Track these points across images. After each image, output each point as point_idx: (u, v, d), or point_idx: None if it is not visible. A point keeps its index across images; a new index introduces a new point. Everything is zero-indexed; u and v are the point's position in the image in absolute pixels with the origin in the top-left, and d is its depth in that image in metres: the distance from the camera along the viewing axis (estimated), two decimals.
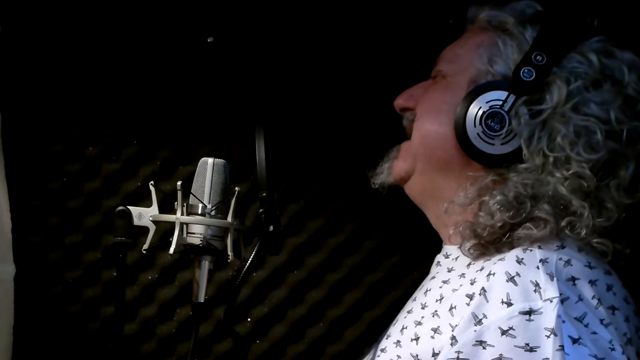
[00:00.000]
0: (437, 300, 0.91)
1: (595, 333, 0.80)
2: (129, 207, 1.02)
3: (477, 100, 0.93)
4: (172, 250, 0.98)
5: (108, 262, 1.45)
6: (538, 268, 0.82)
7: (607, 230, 0.87)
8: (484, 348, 0.78)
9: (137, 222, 1.02)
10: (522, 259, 0.83)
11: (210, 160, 1.02)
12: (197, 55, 1.41)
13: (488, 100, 0.92)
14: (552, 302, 0.78)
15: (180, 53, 1.41)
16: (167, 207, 1.04)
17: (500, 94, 0.92)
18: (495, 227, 0.88)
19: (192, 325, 1.10)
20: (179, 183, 1.01)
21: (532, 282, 0.80)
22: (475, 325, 0.79)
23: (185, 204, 1.02)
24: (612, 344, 0.80)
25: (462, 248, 0.92)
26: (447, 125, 0.96)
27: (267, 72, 1.41)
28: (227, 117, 1.42)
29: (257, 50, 1.41)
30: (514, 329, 0.77)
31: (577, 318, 0.80)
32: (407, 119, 1.05)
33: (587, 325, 0.80)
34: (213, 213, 1.00)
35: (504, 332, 0.77)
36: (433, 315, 0.88)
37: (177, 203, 1.01)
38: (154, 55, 1.41)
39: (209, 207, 1.00)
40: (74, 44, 1.41)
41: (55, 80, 1.43)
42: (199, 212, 1.01)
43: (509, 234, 0.88)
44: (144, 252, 1.02)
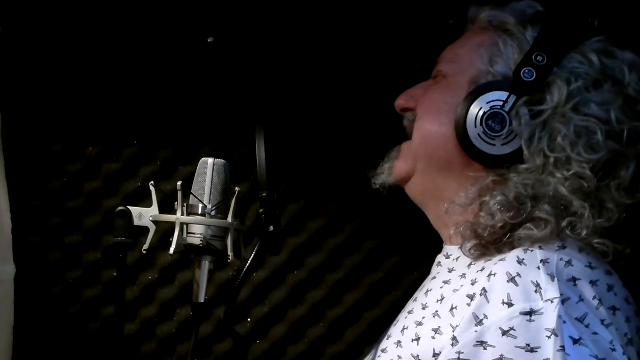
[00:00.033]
0: (437, 301, 0.91)
1: (596, 333, 0.80)
2: (129, 207, 1.02)
3: (477, 101, 0.93)
4: (172, 250, 0.98)
5: (108, 262, 1.45)
6: (539, 268, 0.81)
7: (607, 231, 0.87)
8: (485, 348, 0.78)
9: (137, 222, 1.02)
10: (522, 259, 0.83)
11: (210, 160, 1.02)
12: (197, 55, 1.41)
13: (489, 101, 0.92)
14: (552, 302, 0.77)
15: (180, 53, 1.41)
16: (167, 207, 1.04)
17: (501, 94, 0.91)
18: (496, 227, 0.88)
19: (192, 325, 1.10)
20: (179, 183, 1.01)
21: (532, 282, 0.80)
22: (476, 326, 0.79)
23: (185, 204, 1.02)
24: (612, 345, 0.80)
25: (462, 248, 0.92)
26: (447, 126, 0.95)
27: (267, 72, 1.41)
28: (227, 117, 1.42)
29: (257, 50, 1.41)
30: (515, 330, 0.77)
31: (577, 318, 0.79)
32: (407, 119, 1.05)
33: (587, 326, 0.80)
34: (213, 213, 1.00)
35: (505, 332, 0.77)
36: (434, 316, 0.88)
37: (177, 203, 1.01)
38: (154, 55, 1.41)
39: (209, 207, 1.00)
40: (74, 44, 1.41)
41: (55, 80, 1.43)
42: (199, 212, 1.01)
43: (510, 234, 0.88)
44: (144, 252, 1.02)
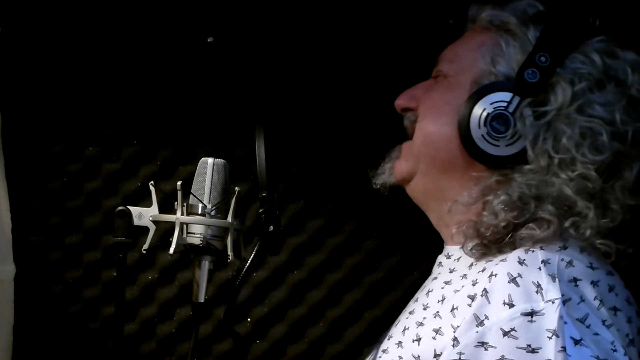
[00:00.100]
0: (438, 301, 0.90)
1: (597, 334, 0.79)
2: (129, 207, 1.02)
3: (481, 102, 0.92)
4: (172, 250, 0.98)
5: (108, 262, 1.45)
6: (540, 269, 0.81)
7: (610, 231, 0.87)
8: (486, 349, 0.77)
9: (137, 222, 1.02)
10: (524, 260, 0.83)
11: (210, 160, 1.02)
12: (197, 55, 1.41)
13: (492, 102, 0.91)
14: (554, 303, 0.77)
15: (180, 53, 1.41)
16: (167, 207, 1.04)
17: (504, 95, 0.91)
18: (499, 226, 0.88)
19: (192, 325, 1.10)
20: (179, 183, 1.01)
21: (534, 283, 0.80)
22: (477, 327, 0.79)
23: (185, 204, 1.02)
24: (614, 345, 0.79)
25: (464, 248, 0.92)
26: (449, 126, 0.95)
27: (267, 72, 1.41)
28: (227, 117, 1.42)
29: (257, 50, 1.41)
30: (516, 330, 0.77)
31: (579, 319, 0.79)
32: (408, 119, 1.04)
33: (589, 327, 0.79)
34: (213, 213, 1.00)
35: (506, 333, 0.77)
36: (435, 316, 0.88)
37: (177, 203, 1.01)
38: (154, 55, 1.41)
39: (209, 207, 1.00)
40: (74, 44, 1.41)
41: (55, 80, 1.43)
42: (199, 212, 1.01)
43: (512, 234, 0.87)
44: (144, 252, 1.02)
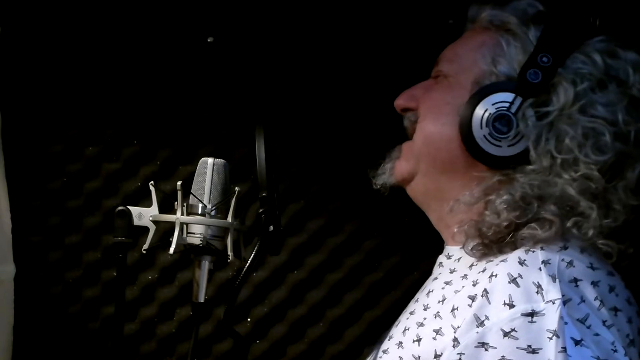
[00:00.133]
0: (439, 302, 0.90)
1: (598, 334, 0.79)
2: (129, 207, 1.02)
3: (483, 102, 0.92)
4: (172, 250, 0.98)
5: (108, 262, 1.45)
6: (540, 269, 0.81)
7: (612, 231, 0.87)
8: (486, 350, 0.77)
9: (137, 222, 1.01)
10: (524, 261, 0.83)
11: (210, 160, 1.02)
12: (197, 55, 1.41)
13: (494, 102, 0.91)
14: (554, 303, 0.77)
15: (180, 53, 1.41)
16: (167, 207, 1.03)
17: (506, 96, 0.91)
18: (501, 226, 0.87)
19: (192, 325, 1.10)
20: (179, 183, 1.01)
21: (534, 283, 0.80)
22: (477, 327, 0.79)
23: (185, 204, 1.02)
24: (614, 346, 0.79)
25: (465, 247, 0.92)
26: (450, 126, 0.95)
27: (267, 72, 1.41)
28: (227, 117, 1.42)
29: (257, 50, 1.40)
30: (516, 331, 0.77)
31: (579, 319, 0.79)
32: (408, 120, 1.04)
33: (589, 327, 0.79)
34: (213, 213, 1.00)
35: (506, 333, 0.77)
36: (435, 317, 0.88)
37: (177, 203, 1.01)
38: (154, 55, 1.41)
39: (209, 207, 1.00)
40: (74, 44, 1.42)
41: (55, 80, 1.43)
42: (199, 212, 1.00)
43: (513, 234, 0.87)
44: (144, 252, 1.02)
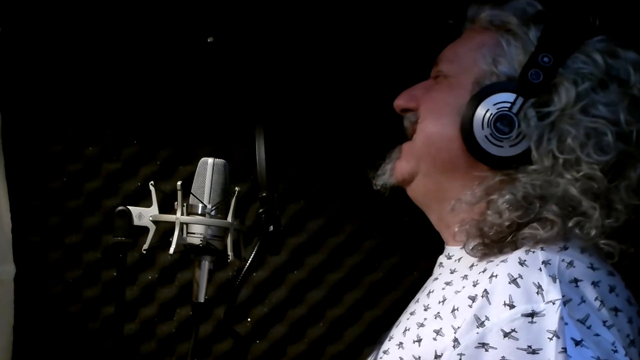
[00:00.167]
0: (439, 302, 0.90)
1: (598, 335, 0.79)
2: (129, 207, 1.02)
3: (484, 103, 0.92)
4: (172, 250, 0.98)
5: (108, 262, 1.45)
6: (540, 270, 0.81)
7: (614, 231, 0.87)
8: (487, 350, 0.77)
9: (137, 222, 1.01)
10: (524, 261, 0.83)
11: (210, 160, 1.02)
12: (197, 55, 1.41)
13: (495, 103, 0.91)
14: (554, 304, 0.77)
15: (180, 53, 1.41)
16: (167, 207, 1.03)
17: (508, 96, 0.91)
18: (503, 226, 0.87)
19: (192, 325, 1.10)
20: (179, 183, 1.01)
21: (534, 284, 0.79)
22: (478, 328, 0.79)
23: (185, 204, 1.01)
24: (614, 346, 0.79)
25: (465, 247, 0.92)
26: (451, 127, 0.95)
27: (267, 72, 1.41)
28: (227, 117, 1.42)
29: (257, 50, 1.40)
30: (517, 331, 0.77)
31: (579, 320, 0.79)
32: (408, 120, 1.04)
33: (589, 327, 0.79)
34: (213, 213, 1.00)
35: (507, 334, 0.77)
36: (435, 317, 0.88)
37: (177, 203, 1.01)
38: (154, 55, 1.41)
39: (209, 207, 1.00)
40: (74, 44, 1.42)
41: (55, 80, 1.43)
42: (199, 212, 1.00)
43: (514, 234, 0.87)
44: (144, 252, 1.02)
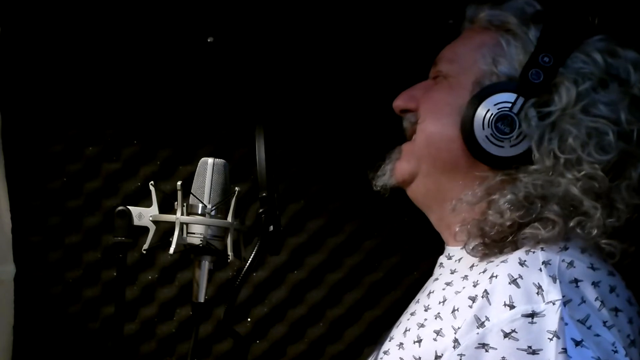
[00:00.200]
0: (439, 303, 0.90)
1: (598, 335, 0.79)
2: (129, 207, 1.02)
3: (484, 103, 0.91)
4: (172, 250, 0.98)
5: (108, 262, 1.45)
6: (541, 270, 0.81)
7: (615, 231, 0.87)
8: (487, 351, 0.77)
9: (137, 222, 1.01)
10: (524, 261, 0.83)
11: (210, 160, 1.02)
12: (197, 55, 1.41)
13: (496, 103, 0.91)
14: (554, 304, 0.77)
15: (180, 53, 1.41)
16: (167, 207, 1.03)
17: (508, 96, 0.90)
18: (504, 225, 0.87)
19: (192, 325, 1.10)
20: (179, 183, 1.01)
21: (534, 284, 0.79)
22: (478, 328, 0.79)
23: (185, 204, 1.01)
24: (615, 346, 0.79)
25: (466, 247, 0.92)
26: (451, 127, 0.94)
27: (267, 72, 1.41)
28: (227, 117, 1.42)
29: (257, 50, 1.40)
30: (517, 332, 0.77)
31: (580, 320, 0.79)
32: (408, 121, 1.03)
33: (590, 328, 0.79)
34: (213, 213, 1.00)
35: (507, 334, 0.77)
36: (436, 318, 0.88)
37: (177, 203, 1.01)
38: (154, 55, 1.41)
39: (209, 207, 1.00)
40: (74, 44, 1.42)
41: (55, 80, 1.43)
42: (199, 212, 1.00)
43: (515, 234, 0.87)
44: (144, 252, 1.02)
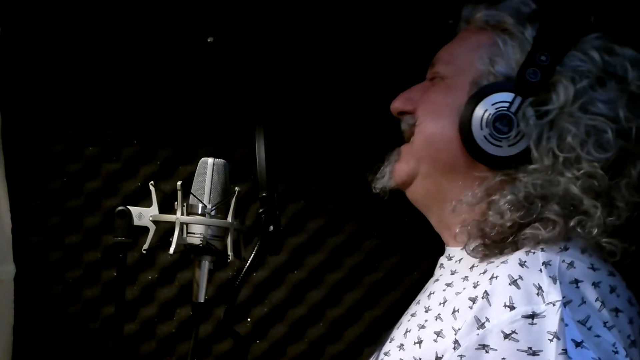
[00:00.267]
0: (440, 304, 0.90)
1: (599, 336, 0.79)
2: (129, 207, 1.02)
3: (482, 103, 0.91)
4: (172, 250, 0.98)
5: (108, 262, 1.45)
6: (541, 271, 0.81)
7: (616, 229, 0.86)
8: (487, 352, 0.77)
9: (137, 222, 1.01)
10: (525, 262, 0.82)
11: (210, 160, 1.02)
12: (197, 55, 1.41)
13: (494, 102, 0.91)
14: (554, 305, 0.77)
15: (180, 53, 1.41)
16: (167, 207, 1.03)
17: (506, 96, 0.90)
18: (505, 226, 0.87)
19: (192, 325, 1.10)
20: (179, 183, 1.01)
21: (534, 285, 0.79)
22: (478, 329, 0.79)
23: (185, 204, 1.01)
24: (615, 347, 0.79)
25: (466, 248, 0.91)
26: (450, 128, 0.94)
27: (267, 72, 1.41)
28: (227, 117, 1.42)
29: (257, 50, 1.40)
30: (517, 333, 0.76)
31: (580, 321, 0.79)
32: (406, 123, 1.03)
33: (590, 328, 0.79)
34: (213, 213, 1.00)
35: (507, 335, 0.77)
36: (436, 319, 0.88)
37: (177, 203, 1.01)
38: (154, 55, 1.41)
39: (209, 207, 1.00)
40: (74, 44, 1.42)
41: (55, 80, 1.43)
42: (199, 212, 1.00)
43: (516, 234, 0.87)
44: (144, 252, 1.02)
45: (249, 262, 0.97)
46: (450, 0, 1.27)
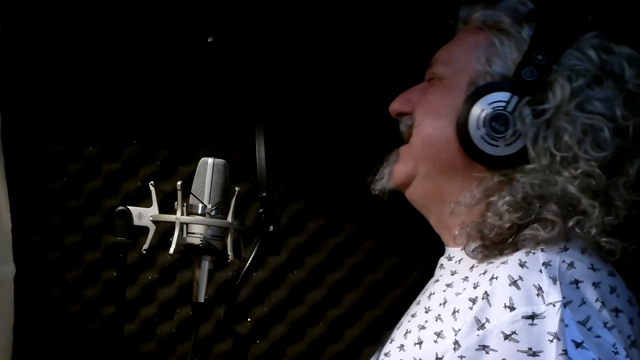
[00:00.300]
0: (440, 304, 0.90)
1: (599, 337, 0.79)
2: (129, 207, 1.02)
3: (479, 103, 0.91)
4: (172, 250, 0.98)
5: (108, 262, 1.45)
6: (541, 272, 0.81)
7: (615, 229, 0.86)
8: (487, 352, 0.77)
9: (137, 222, 1.01)
10: (525, 263, 0.82)
11: (210, 160, 1.02)
12: (197, 55, 1.41)
13: (490, 102, 0.91)
14: (555, 306, 0.77)
15: (180, 53, 1.41)
16: (167, 207, 1.03)
17: (502, 95, 0.90)
18: (503, 227, 0.87)
19: (192, 325, 1.10)
20: (179, 183, 1.01)
21: (534, 285, 0.79)
22: (478, 330, 0.79)
23: (185, 204, 1.01)
24: (615, 348, 0.79)
25: (466, 249, 0.91)
26: (448, 128, 0.94)
27: (267, 72, 1.41)
28: (227, 117, 1.43)
29: (257, 50, 1.40)
30: (517, 334, 0.76)
31: (580, 322, 0.79)
32: (404, 124, 1.03)
33: (590, 329, 0.79)
34: (213, 213, 1.00)
35: (507, 336, 0.77)
36: (436, 319, 0.87)
37: (177, 203, 1.01)
38: (154, 55, 1.41)
39: (209, 207, 1.00)
40: (74, 44, 1.42)
41: (55, 80, 1.43)
42: (199, 212, 1.00)
43: (515, 235, 0.87)
44: (144, 252, 1.02)
45: (249, 262, 0.97)
46: (450, 0, 1.28)
